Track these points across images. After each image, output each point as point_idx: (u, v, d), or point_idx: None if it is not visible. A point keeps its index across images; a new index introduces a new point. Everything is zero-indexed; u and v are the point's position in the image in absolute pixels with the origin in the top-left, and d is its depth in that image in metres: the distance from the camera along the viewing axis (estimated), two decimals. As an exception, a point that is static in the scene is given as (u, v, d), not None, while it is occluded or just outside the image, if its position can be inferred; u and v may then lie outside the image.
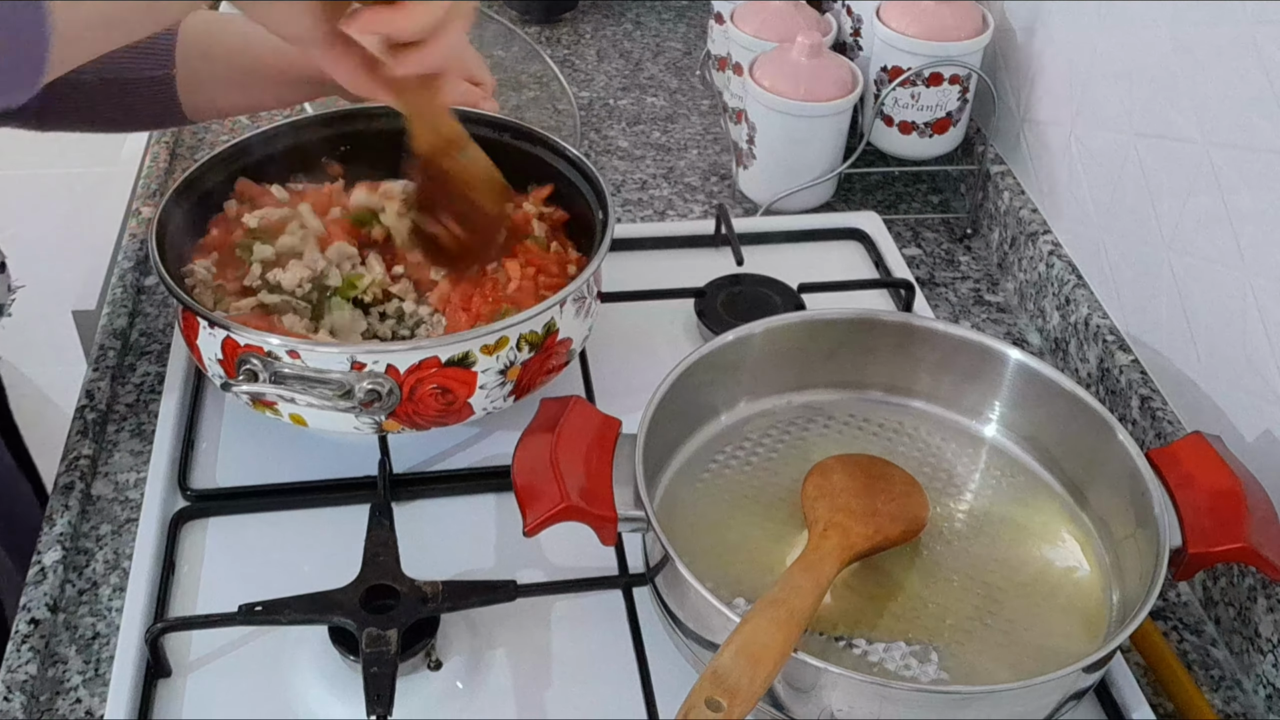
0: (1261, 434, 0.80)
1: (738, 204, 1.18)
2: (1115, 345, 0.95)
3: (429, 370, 0.79)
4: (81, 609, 0.80)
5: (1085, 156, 1.00)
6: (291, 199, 0.93)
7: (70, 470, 0.86)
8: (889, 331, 0.86)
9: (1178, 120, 0.87)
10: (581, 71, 1.39)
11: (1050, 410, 0.81)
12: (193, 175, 0.91)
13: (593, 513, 0.70)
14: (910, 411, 0.87)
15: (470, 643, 0.76)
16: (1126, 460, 0.75)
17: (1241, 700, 0.79)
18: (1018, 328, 1.07)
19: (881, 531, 0.74)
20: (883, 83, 1.12)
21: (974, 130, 1.17)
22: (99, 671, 0.76)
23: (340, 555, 0.75)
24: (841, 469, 0.78)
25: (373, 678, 0.67)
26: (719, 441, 0.83)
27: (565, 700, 0.74)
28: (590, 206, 0.93)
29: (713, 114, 1.31)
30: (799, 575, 0.68)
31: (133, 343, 0.99)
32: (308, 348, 0.78)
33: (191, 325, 0.82)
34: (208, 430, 0.90)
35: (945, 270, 1.12)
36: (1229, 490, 0.73)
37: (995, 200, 1.12)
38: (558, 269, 0.89)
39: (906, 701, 0.64)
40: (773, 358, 0.85)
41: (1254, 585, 0.78)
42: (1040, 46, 1.07)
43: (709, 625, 0.68)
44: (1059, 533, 0.79)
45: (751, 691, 0.59)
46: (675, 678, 0.71)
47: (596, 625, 0.78)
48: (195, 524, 0.83)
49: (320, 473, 0.86)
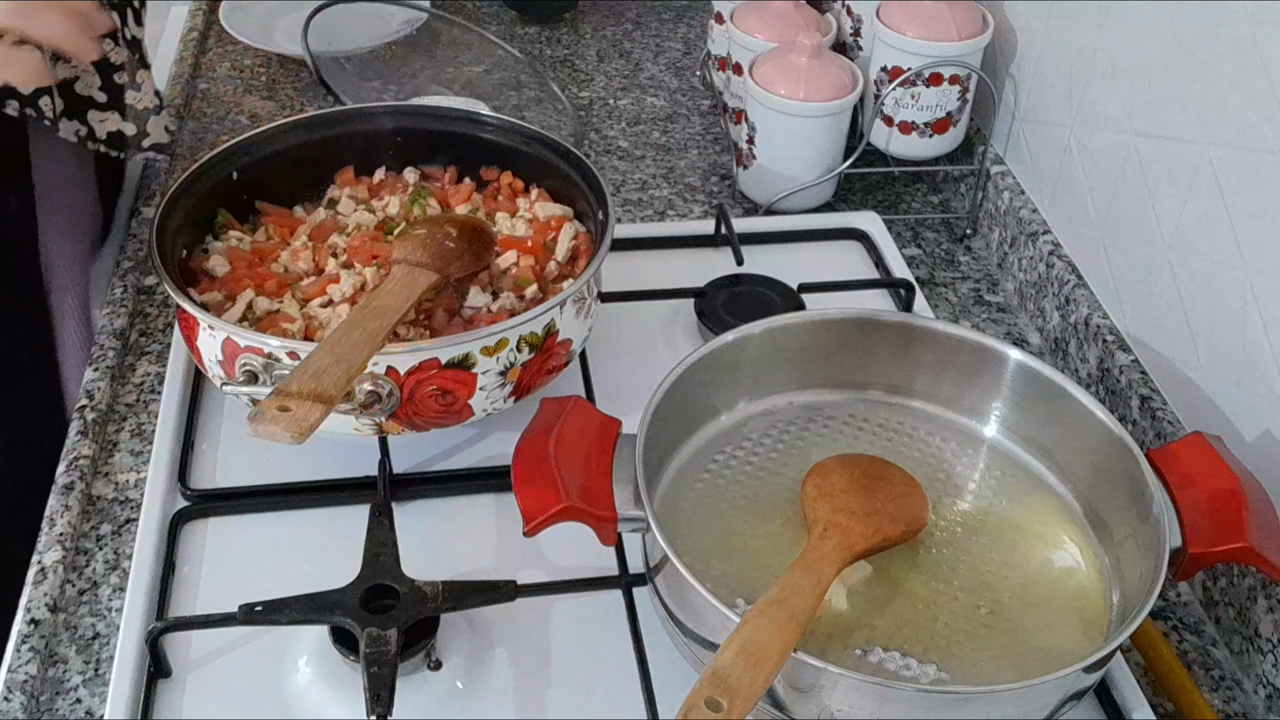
0: (1261, 434, 0.80)
1: (738, 204, 1.18)
2: (1115, 345, 0.95)
3: (429, 372, 0.79)
4: (81, 609, 0.80)
5: (1085, 156, 1.00)
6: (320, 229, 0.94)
7: (70, 470, 0.86)
8: (889, 331, 0.86)
9: (1178, 120, 0.87)
10: (581, 71, 1.38)
11: (1050, 410, 0.81)
12: (192, 175, 0.91)
13: (592, 513, 0.70)
14: (910, 411, 0.87)
15: (470, 643, 0.76)
16: (1126, 460, 0.75)
17: (1241, 700, 0.79)
18: (1018, 328, 1.07)
19: (881, 531, 0.74)
20: (883, 83, 1.12)
21: (974, 130, 1.17)
22: (99, 671, 0.76)
23: (340, 555, 0.75)
24: (841, 469, 0.78)
25: (373, 678, 0.67)
26: (719, 441, 0.83)
27: (565, 700, 0.74)
28: (590, 206, 0.93)
29: (713, 114, 1.31)
30: (799, 575, 0.68)
31: (133, 343, 0.99)
32: (307, 349, 0.78)
33: (191, 325, 0.82)
34: (208, 430, 0.90)
35: (945, 270, 1.12)
36: (1229, 490, 0.73)
37: (995, 200, 1.12)
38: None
39: (906, 701, 0.64)
40: (773, 358, 0.85)
41: (1254, 585, 0.78)
42: (1040, 46, 1.07)
43: (709, 625, 0.68)
44: (1059, 533, 0.79)
45: (752, 691, 0.59)
46: (675, 678, 0.71)
47: (596, 625, 0.78)
48: (195, 524, 0.83)
49: (320, 473, 0.86)
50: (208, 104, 1.30)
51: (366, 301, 0.79)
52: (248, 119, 1.28)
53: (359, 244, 0.90)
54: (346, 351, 0.73)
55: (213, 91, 1.33)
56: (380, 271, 0.87)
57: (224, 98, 1.30)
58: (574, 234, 0.93)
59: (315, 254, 0.90)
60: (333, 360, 0.72)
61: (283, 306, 0.85)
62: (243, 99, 1.31)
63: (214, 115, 1.29)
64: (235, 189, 0.94)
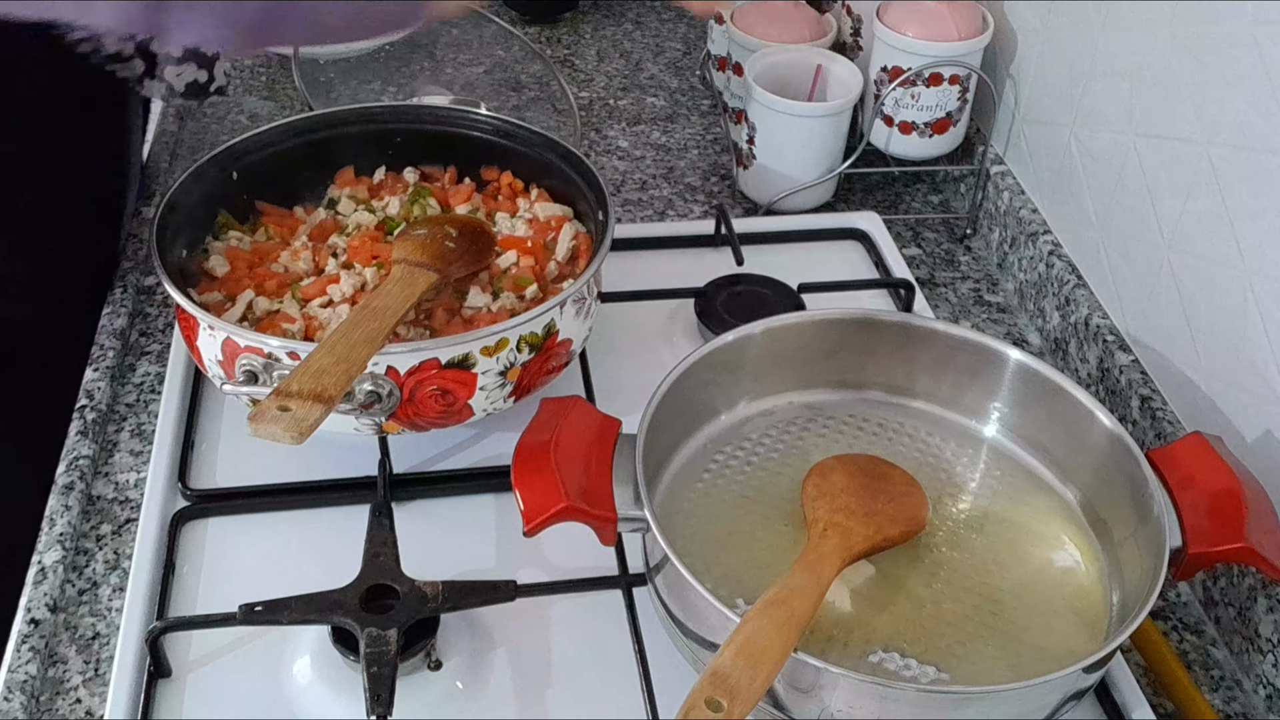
0: (1261, 434, 0.80)
1: (738, 204, 1.18)
2: (1115, 345, 0.95)
3: (429, 372, 0.79)
4: (81, 609, 0.80)
5: (1085, 156, 1.00)
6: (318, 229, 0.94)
7: (70, 470, 0.86)
8: (889, 331, 0.86)
9: (1178, 120, 0.87)
10: (581, 71, 1.38)
11: (1050, 410, 0.81)
12: (192, 175, 0.91)
13: (593, 513, 0.70)
14: (910, 411, 0.87)
15: (470, 643, 0.76)
16: (1126, 460, 0.75)
17: (1241, 700, 0.79)
18: (1018, 328, 1.07)
19: (881, 531, 0.74)
20: (883, 83, 1.12)
21: (974, 130, 1.17)
22: (99, 671, 0.76)
23: (340, 555, 0.75)
24: (841, 469, 0.78)
25: (373, 678, 0.67)
26: (719, 441, 0.83)
27: (565, 700, 0.74)
28: (590, 206, 0.93)
29: (713, 114, 1.31)
30: (799, 575, 0.68)
31: (133, 343, 0.99)
32: (307, 349, 0.78)
33: (191, 325, 0.82)
34: (208, 430, 0.90)
35: (945, 270, 1.12)
36: (1229, 490, 0.73)
37: (995, 200, 1.12)
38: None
39: (906, 701, 0.64)
40: (773, 358, 0.85)
41: (1254, 585, 0.78)
42: (1040, 46, 1.07)
43: (709, 625, 0.68)
44: (1059, 533, 0.79)
45: (752, 692, 0.59)
46: (675, 678, 0.71)
47: (596, 625, 0.78)
48: (195, 524, 0.83)
49: (320, 473, 0.86)
50: (207, 104, 1.30)
51: (366, 301, 0.79)
52: (248, 119, 1.28)
53: (359, 244, 0.90)
54: (346, 351, 0.73)
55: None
56: (380, 271, 0.87)
57: (224, 98, 1.30)
58: (574, 234, 0.93)
59: (315, 254, 0.90)
60: (333, 360, 0.72)
61: (283, 306, 0.85)
62: (243, 99, 1.31)
63: (214, 115, 1.29)
64: (235, 189, 0.94)
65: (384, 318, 0.77)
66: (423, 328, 0.85)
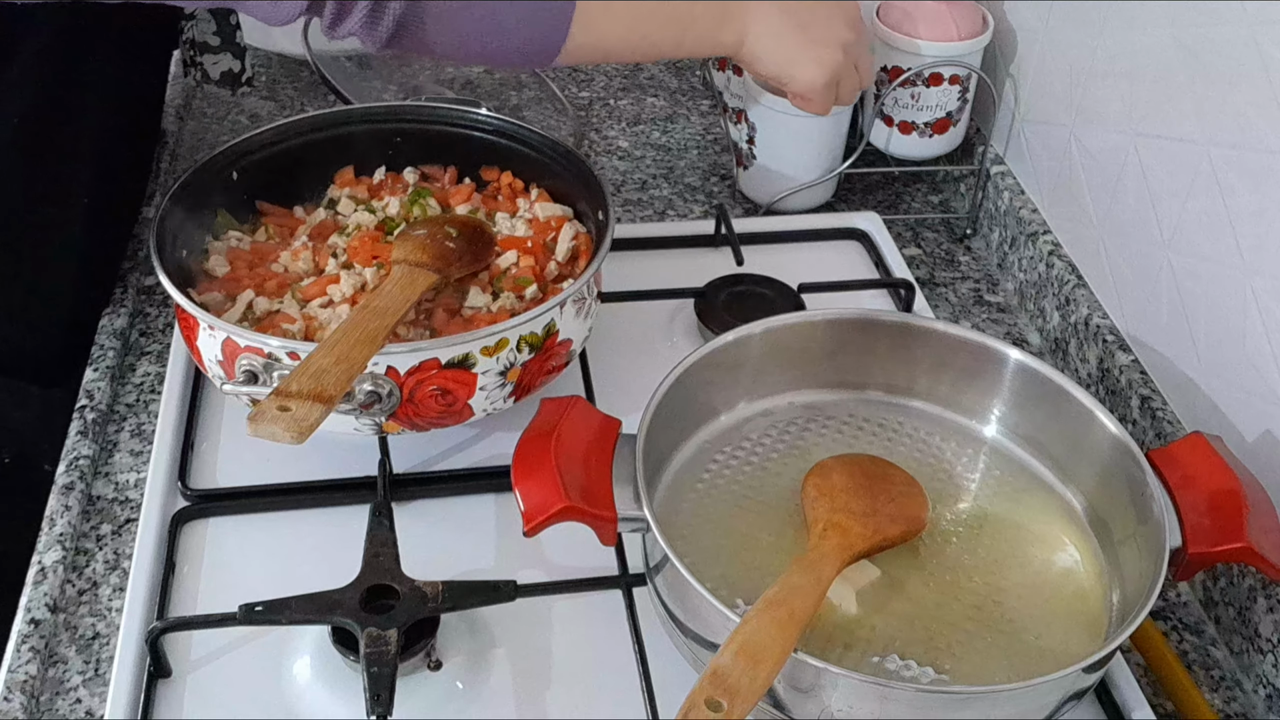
0: (1261, 434, 0.80)
1: (738, 204, 1.18)
2: (1115, 345, 0.95)
3: (429, 372, 0.79)
4: (81, 609, 0.80)
5: (1085, 156, 1.00)
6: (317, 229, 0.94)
7: (70, 470, 0.86)
8: (889, 331, 0.86)
9: (1178, 120, 0.87)
10: (581, 71, 1.38)
11: (1050, 410, 0.81)
12: (192, 175, 0.91)
13: (592, 513, 0.70)
14: (910, 411, 0.87)
15: (470, 643, 0.76)
16: (1126, 460, 0.75)
17: (1241, 700, 0.79)
18: (1018, 328, 1.07)
19: (881, 531, 0.74)
20: (883, 83, 1.12)
21: (974, 130, 1.17)
22: (99, 671, 0.76)
23: (340, 555, 0.75)
24: (841, 469, 0.78)
25: (373, 678, 0.67)
26: (719, 441, 0.83)
27: (565, 700, 0.74)
28: (590, 206, 0.93)
29: (713, 114, 1.31)
30: (799, 575, 0.68)
31: (133, 343, 0.99)
32: (308, 349, 0.78)
33: (191, 325, 0.82)
34: (208, 430, 0.90)
35: (945, 270, 1.12)
36: (1229, 490, 0.73)
37: (995, 200, 1.12)
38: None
39: (906, 702, 0.64)
40: (773, 358, 0.85)
41: (1254, 585, 0.78)
42: (1040, 46, 1.07)
43: (709, 625, 0.68)
44: (1059, 533, 0.79)
45: (752, 691, 0.59)
46: (675, 678, 0.71)
47: (596, 625, 0.78)
48: (195, 524, 0.83)
49: (320, 473, 0.86)
50: (208, 104, 1.30)
51: (366, 301, 0.79)
52: (248, 119, 1.28)
53: (359, 244, 0.90)
54: (346, 351, 0.73)
55: (213, 91, 1.33)
56: (380, 271, 0.87)
57: (224, 98, 1.30)
58: (574, 234, 0.93)
59: (315, 254, 0.90)
60: (333, 360, 0.72)
61: (283, 306, 0.85)
62: (243, 99, 1.31)
63: (214, 115, 1.29)
64: (235, 189, 0.94)
65: (384, 318, 0.77)
66: (423, 328, 0.85)
